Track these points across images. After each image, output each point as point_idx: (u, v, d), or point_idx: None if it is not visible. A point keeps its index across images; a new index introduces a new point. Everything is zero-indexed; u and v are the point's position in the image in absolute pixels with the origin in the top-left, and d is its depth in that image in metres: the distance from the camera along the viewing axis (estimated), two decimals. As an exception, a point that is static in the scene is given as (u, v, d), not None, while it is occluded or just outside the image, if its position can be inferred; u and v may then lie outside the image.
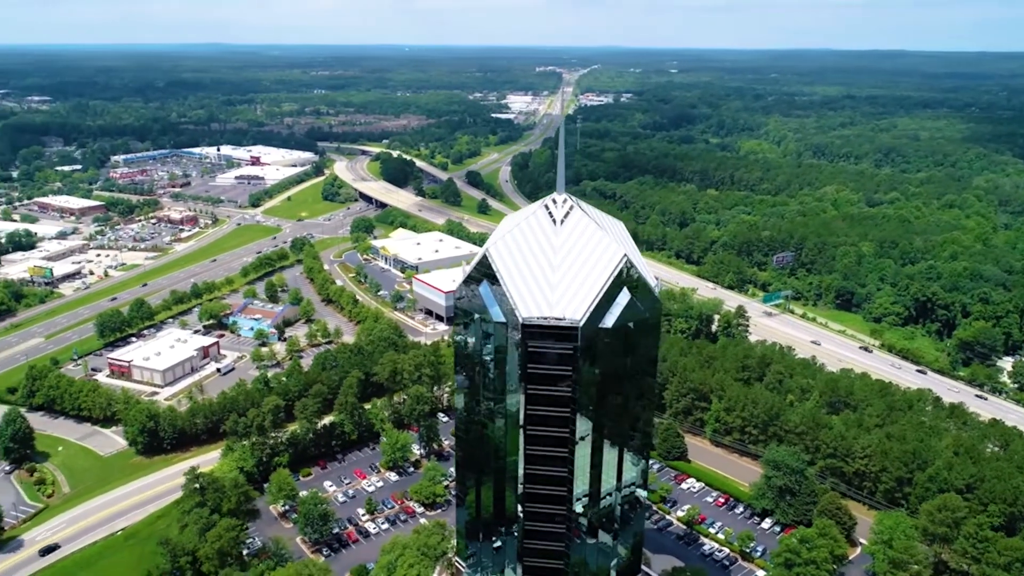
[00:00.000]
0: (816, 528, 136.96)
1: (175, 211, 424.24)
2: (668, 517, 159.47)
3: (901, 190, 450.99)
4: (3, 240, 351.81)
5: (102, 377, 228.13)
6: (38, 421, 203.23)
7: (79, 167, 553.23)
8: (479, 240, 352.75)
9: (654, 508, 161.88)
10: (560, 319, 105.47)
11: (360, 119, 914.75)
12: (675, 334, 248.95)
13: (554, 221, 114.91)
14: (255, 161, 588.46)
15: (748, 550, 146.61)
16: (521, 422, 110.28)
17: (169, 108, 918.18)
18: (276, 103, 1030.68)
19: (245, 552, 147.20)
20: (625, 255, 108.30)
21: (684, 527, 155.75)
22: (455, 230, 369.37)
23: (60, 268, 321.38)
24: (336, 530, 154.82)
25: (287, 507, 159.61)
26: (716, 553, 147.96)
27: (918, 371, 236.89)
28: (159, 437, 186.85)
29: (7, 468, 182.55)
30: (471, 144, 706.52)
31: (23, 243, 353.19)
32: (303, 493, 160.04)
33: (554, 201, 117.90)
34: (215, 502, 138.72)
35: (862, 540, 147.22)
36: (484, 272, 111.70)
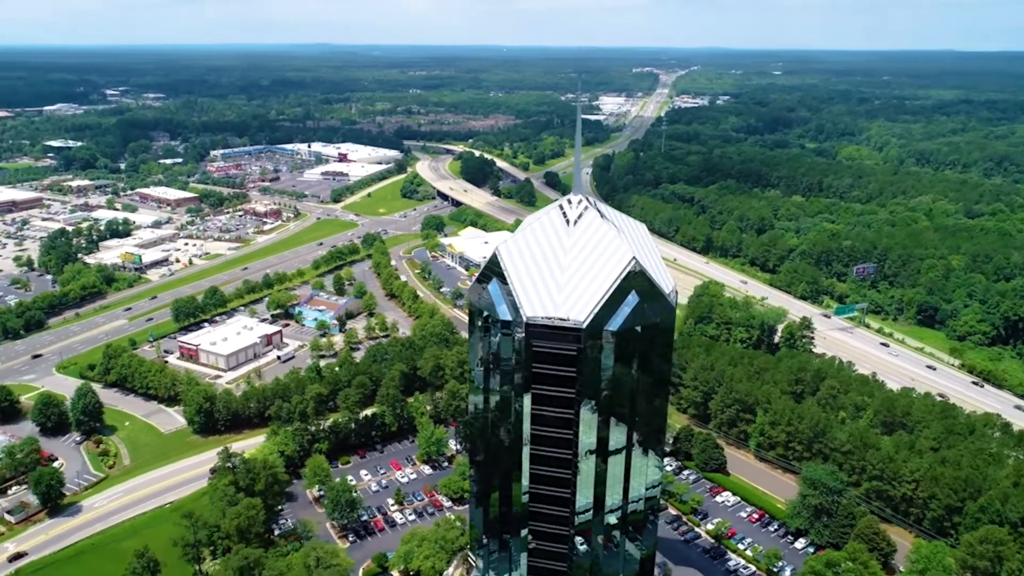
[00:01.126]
0: (846, 552, 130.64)
1: (261, 204, 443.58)
2: (697, 529, 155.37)
3: (1007, 201, 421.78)
4: (102, 227, 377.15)
5: (173, 359, 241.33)
6: (111, 397, 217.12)
7: (180, 160, 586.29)
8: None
9: (683, 519, 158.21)
10: (564, 320, 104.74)
11: (449, 118, 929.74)
12: (734, 343, 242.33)
13: (567, 221, 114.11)
14: (343, 158, 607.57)
15: (775, 569, 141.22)
16: (526, 422, 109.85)
17: (269, 106, 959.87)
18: (371, 102, 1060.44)
19: (276, 532, 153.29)
20: (634, 258, 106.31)
21: (712, 541, 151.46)
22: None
23: (149, 255, 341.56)
24: (364, 517, 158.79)
25: (321, 492, 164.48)
26: (741, 570, 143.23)
27: (995, 394, 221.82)
28: (214, 418, 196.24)
29: (78, 439, 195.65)
30: (555, 145, 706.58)
31: (120, 231, 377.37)
32: (337, 480, 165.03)
33: (569, 201, 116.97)
34: (247, 482, 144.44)
35: (901, 568, 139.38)
36: (494, 270, 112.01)
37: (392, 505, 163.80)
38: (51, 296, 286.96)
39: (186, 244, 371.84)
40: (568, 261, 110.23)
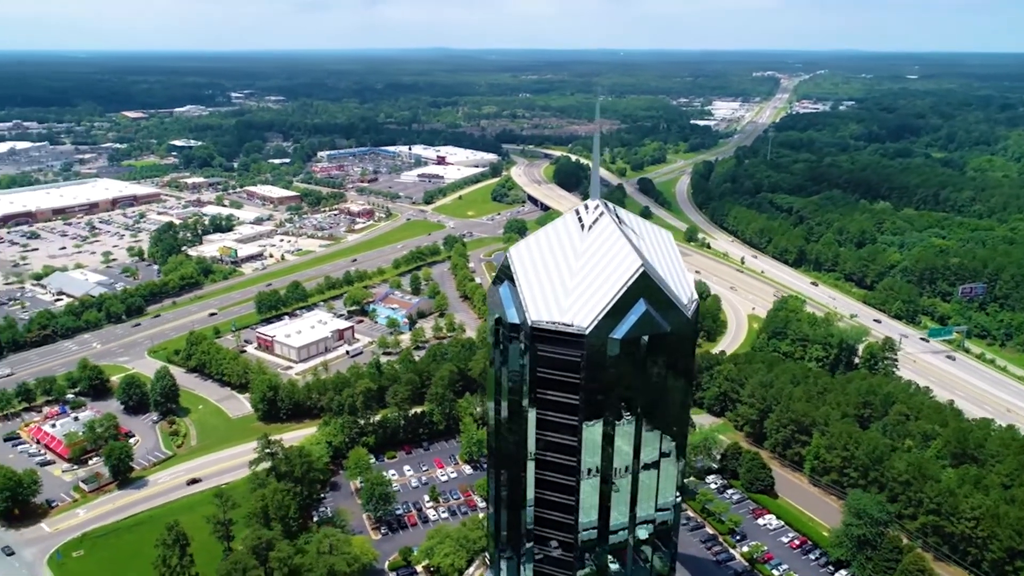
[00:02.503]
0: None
1: (355, 204, 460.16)
2: (731, 551, 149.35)
3: None
4: (206, 222, 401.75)
5: (251, 349, 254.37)
6: (191, 381, 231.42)
7: (288, 160, 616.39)
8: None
9: (719, 539, 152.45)
10: (568, 325, 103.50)
11: (553, 122, 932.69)
12: (808, 361, 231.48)
13: (582, 226, 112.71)
14: (440, 160, 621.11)
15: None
16: (531, 426, 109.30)
17: (379, 109, 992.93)
18: (478, 106, 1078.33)
19: (315, 519, 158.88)
20: (642, 265, 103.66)
21: (745, 564, 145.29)
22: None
23: (245, 250, 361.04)
24: (399, 511, 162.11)
25: (363, 483, 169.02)
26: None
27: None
28: (277, 406, 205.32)
29: (155, 418, 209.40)
30: (657, 150, 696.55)
31: (222, 226, 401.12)
32: (375, 473, 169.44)
33: (586, 206, 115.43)
34: (285, 468, 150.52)
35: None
36: (506, 273, 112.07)
37: (427, 502, 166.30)
38: (153, 285, 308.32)
39: (281, 240, 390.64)
40: (579, 266, 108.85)
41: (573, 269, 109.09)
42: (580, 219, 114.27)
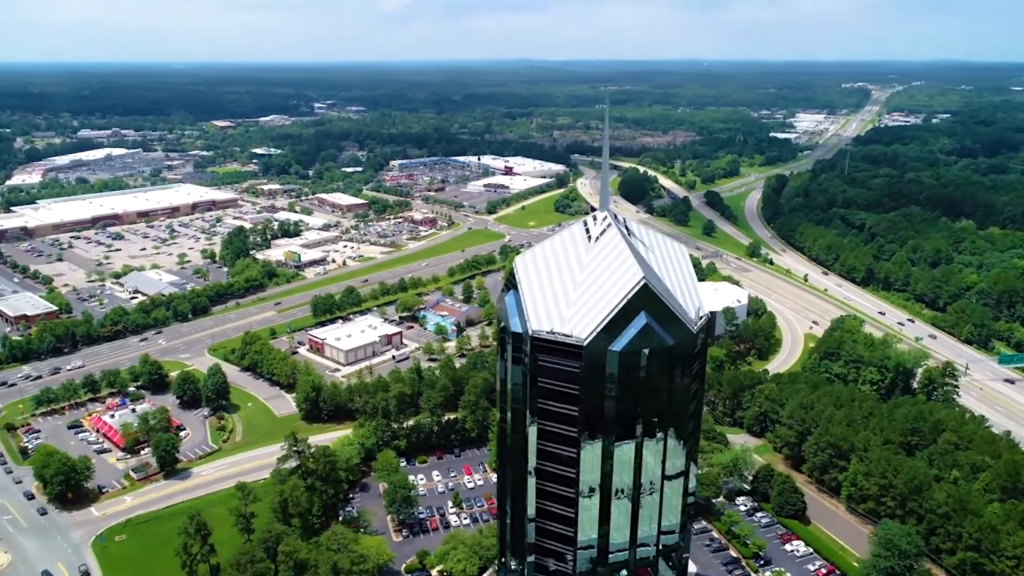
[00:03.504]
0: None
1: (419, 212, 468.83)
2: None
3: None
4: (275, 227, 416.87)
5: (303, 350, 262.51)
6: (244, 379, 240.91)
7: (360, 169, 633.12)
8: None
9: (741, 563, 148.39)
10: (568, 336, 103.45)
11: (626, 134, 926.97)
12: (862, 384, 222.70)
13: (589, 237, 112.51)
14: (508, 171, 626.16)
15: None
16: (532, 437, 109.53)
17: (454, 119, 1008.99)
18: (552, 117, 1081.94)
19: (341, 518, 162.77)
20: (643, 278, 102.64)
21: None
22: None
23: (309, 255, 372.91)
24: (423, 516, 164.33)
25: (387, 486, 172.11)
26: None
27: None
28: (319, 407, 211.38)
29: (206, 413, 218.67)
30: (731, 163, 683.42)
31: (290, 231, 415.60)
32: (410, 477, 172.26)
33: (594, 217, 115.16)
34: (310, 467, 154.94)
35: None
36: (512, 282, 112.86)
37: (451, 507, 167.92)
38: (219, 286, 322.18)
39: (345, 246, 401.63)
40: (583, 277, 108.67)
41: (577, 280, 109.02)
42: (587, 230, 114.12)
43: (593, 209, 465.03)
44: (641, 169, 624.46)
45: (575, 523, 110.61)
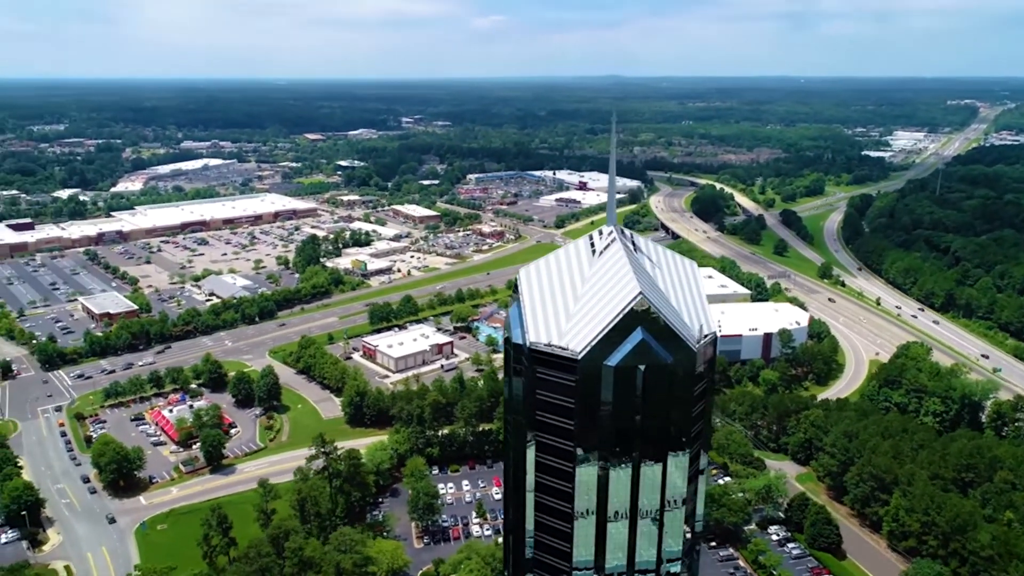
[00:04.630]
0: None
1: (487, 225, 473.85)
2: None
3: None
4: (347, 236, 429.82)
5: (356, 356, 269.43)
6: (298, 381, 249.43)
7: (437, 182, 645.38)
8: (747, 281, 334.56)
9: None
10: (564, 349, 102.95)
11: (708, 150, 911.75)
12: (924, 416, 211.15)
13: (593, 251, 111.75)
14: (582, 186, 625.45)
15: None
16: (531, 451, 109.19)
17: (535, 135, 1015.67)
18: (634, 133, 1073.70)
19: (367, 520, 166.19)
20: (639, 293, 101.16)
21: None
22: (727, 268, 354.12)
23: (375, 264, 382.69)
24: (446, 524, 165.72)
25: (411, 492, 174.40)
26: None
27: None
28: (363, 411, 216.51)
29: (258, 412, 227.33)
30: (816, 182, 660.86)
31: (361, 240, 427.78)
32: (439, 485, 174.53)
33: (600, 231, 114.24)
34: (336, 468, 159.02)
35: None
36: (517, 294, 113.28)
37: (475, 518, 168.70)
38: (287, 291, 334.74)
39: (412, 256, 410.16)
40: (584, 291, 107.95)
41: (578, 293, 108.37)
42: (592, 244, 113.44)
43: (663, 225, 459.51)
44: (718, 186, 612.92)
45: (572, 540, 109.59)
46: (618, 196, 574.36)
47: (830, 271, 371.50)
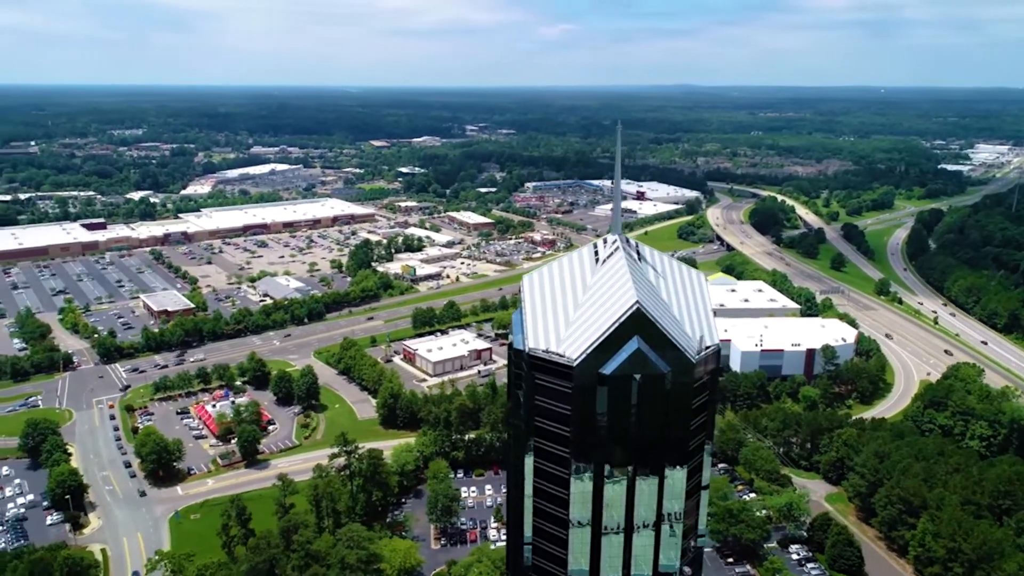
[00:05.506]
0: None
1: (539, 233, 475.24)
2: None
3: None
4: (400, 242, 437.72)
5: (397, 359, 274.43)
6: (338, 382, 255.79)
7: (494, 189, 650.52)
8: (797, 295, 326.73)
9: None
10: (561, 356, 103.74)
11: (774, 161, 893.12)
12: (970, 439, 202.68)
13: (597, 260, 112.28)
14: (640, 195, 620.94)
15: None
16: (529, 458, 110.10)
17: (597, 143, 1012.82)
18: (699, 143, 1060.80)
19: (388, 519, 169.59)
20: (636, 302, 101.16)
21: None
22: (778, 281, 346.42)
23: (424, 269, 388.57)
24: (465, 527, 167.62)
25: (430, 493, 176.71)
26: None
27: None
28: (396, 413, 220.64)
29: (296, 410, 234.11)
30: (885, 195, 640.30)
31: (413, 246, 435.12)
32: (462, 489, 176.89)
33: (605, 240, 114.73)
34: (357, 467, 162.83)
35: None
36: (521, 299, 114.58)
37: (493, 522, 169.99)
38: (336, 294, 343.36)
39: (462, 263, 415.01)
40: (584, 299, 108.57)
41: (579, 301, 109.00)
42: (596, 252, 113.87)
43: (718, 237, 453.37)
44: (780, 198, 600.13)
45: (567, 547, 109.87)
46: (675, 207, 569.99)
47: (887, 288, 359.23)
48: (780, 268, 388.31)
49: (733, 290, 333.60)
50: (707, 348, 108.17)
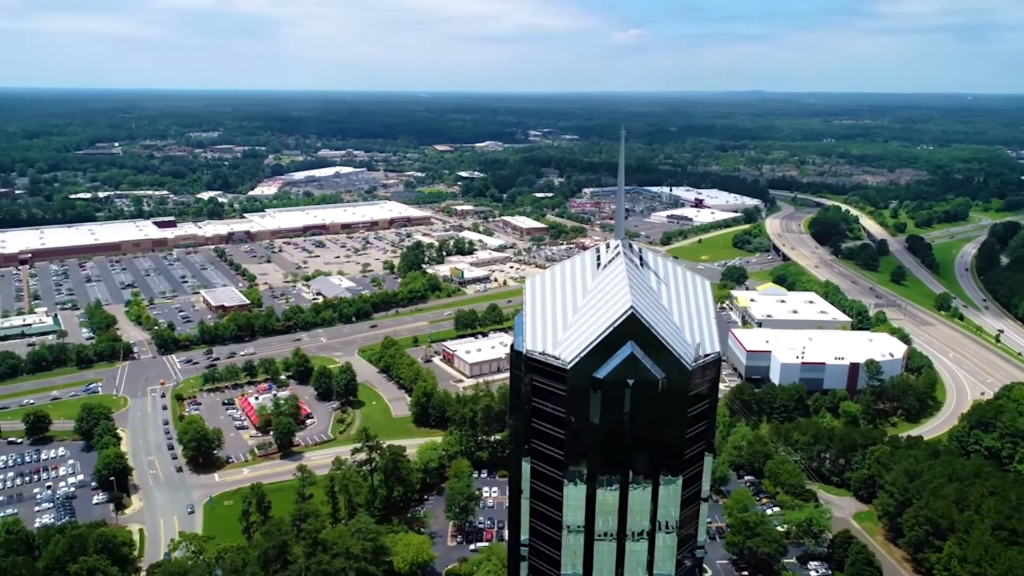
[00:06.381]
0: None
1: (591, 240, 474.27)
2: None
3: None
4: (451, 245, 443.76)
5: (436, 360, 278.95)
6: (377, 379, 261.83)
7: (551, 195, 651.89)
8: (849, 308, 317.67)
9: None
10: (556, 358, 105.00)
11: (843, 170, 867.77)
12: (1018, 464, 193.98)
13: (598, 264, 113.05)
14: (698, 203, 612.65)
15: None
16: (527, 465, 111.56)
17: (661, 150, 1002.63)
18: (765, 150, 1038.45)
19: (409, 515, 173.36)
20: (630, 307, 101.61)
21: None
22: (830, 293, 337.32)
23: (474, 272, 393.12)
24: (482, 526, 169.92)
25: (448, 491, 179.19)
26: None
27: None
28: (428, 412, 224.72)
29: (335, 406, 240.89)
30: (959, 207, 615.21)
31: (464, 249, 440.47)
32: (484, 488, 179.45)
33: (608, 245, 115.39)
34: (380, 463, 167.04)
35: None
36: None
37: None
38: (384, 295, 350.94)
39: (511, 267, 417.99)
40: (583, 302, 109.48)
41: (578, 305, 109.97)
42: (599, 257, 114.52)
43: (775, 247, 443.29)
44: (844, 207, 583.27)
45: (560, 548, 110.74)
46: (732, 215, 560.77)
47: (948, 302, 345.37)
48: (835, 280, 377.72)
49: (782, 301, 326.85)
50: (705, 356, 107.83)
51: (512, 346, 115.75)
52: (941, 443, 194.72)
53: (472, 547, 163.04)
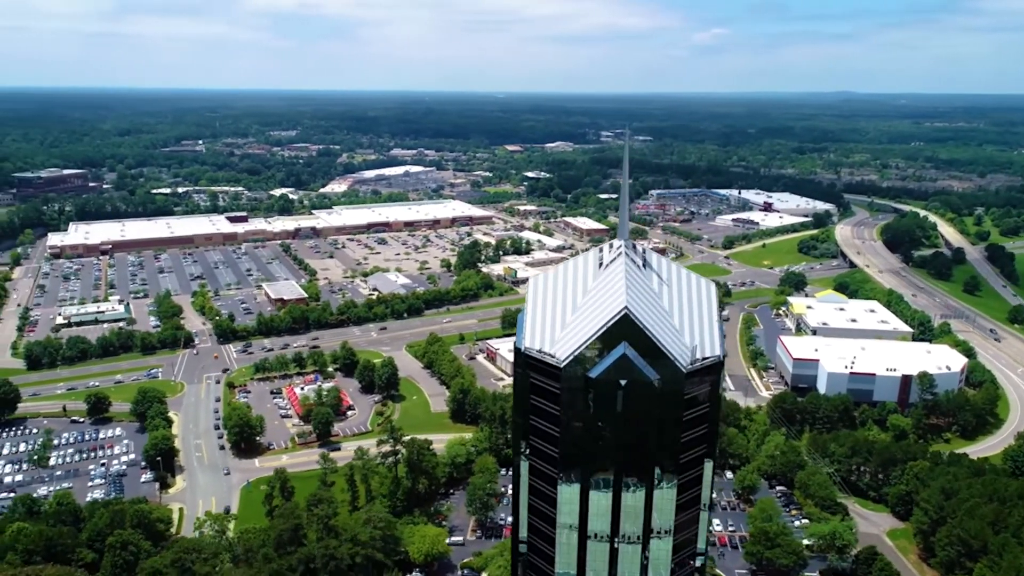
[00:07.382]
0: None
1: (651, 242, 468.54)
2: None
3: None
4: (507, 244, 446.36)
5: (480, 357, 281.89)
6: (421, 375, 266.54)
7: (615, 196, 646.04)
8: (911, 318, 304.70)
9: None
10: (551, 356, 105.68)
11: (928, 175, 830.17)
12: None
13: (600, 264, 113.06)
14: (767, 207, 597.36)
15: None
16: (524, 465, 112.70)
17: (735, 152, 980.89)
18: (846, 153, 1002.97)
19: (432, 508, 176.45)
20: (624, 308, 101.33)
21: None
22: (893, 302, 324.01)
23: (526, 272, 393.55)
24: (502, 521, 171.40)
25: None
26: None
27: None
28: (464, 409, 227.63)
29: (377, 398, 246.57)
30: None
31: (521, 249, 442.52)
32: (510, 484, 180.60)
33: (610, 245, 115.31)
34: (407, 456, 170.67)
35: None
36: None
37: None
38: (437, 292, 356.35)
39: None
40: (583, 302, 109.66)
41: (577, 304, 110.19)
42: (601, 258, 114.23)
43: (842, 253, 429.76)
44: (923, 214, 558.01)
45: (555, 546, 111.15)
46: (802, 220, 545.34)
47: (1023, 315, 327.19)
48: (902, 289, 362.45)
49: (841, 309, 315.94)
50: (704, 359, 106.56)
51: (515, 344, 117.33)
52: (988, 462, 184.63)
53: (492, 542, 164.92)
